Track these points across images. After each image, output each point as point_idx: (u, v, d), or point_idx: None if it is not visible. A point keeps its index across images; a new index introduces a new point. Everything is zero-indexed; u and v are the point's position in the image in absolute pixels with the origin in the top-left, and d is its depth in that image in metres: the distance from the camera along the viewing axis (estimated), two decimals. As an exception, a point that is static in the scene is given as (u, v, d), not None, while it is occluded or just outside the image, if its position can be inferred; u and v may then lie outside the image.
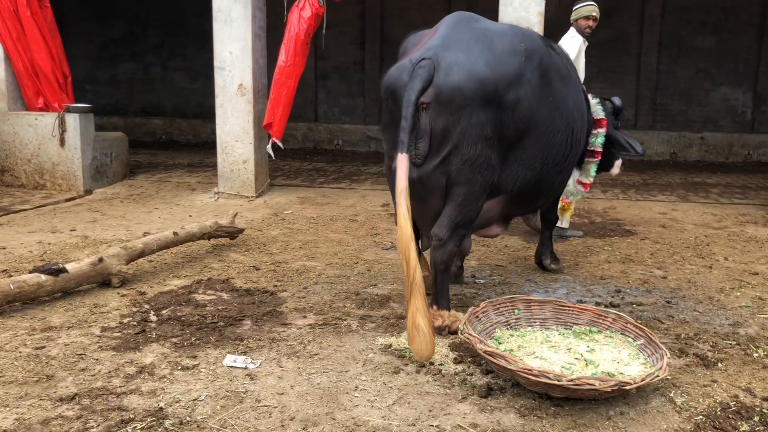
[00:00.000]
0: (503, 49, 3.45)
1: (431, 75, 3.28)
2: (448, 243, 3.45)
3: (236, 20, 7.45)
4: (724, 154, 11.80)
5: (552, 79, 3.68)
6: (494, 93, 3.34)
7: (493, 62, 3.37)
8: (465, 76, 3.29)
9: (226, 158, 7.75)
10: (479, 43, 3.43)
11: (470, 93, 3.29)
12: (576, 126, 3.97)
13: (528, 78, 3.47)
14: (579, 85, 4.24)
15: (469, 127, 3.32)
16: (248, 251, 5.30)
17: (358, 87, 13.53)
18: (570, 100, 3.89)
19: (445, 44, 3.39)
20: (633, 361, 3.04)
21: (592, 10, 5.68)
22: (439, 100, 3.30)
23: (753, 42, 12.22)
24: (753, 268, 5.07)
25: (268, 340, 3.49)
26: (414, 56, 3.37)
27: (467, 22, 3.57)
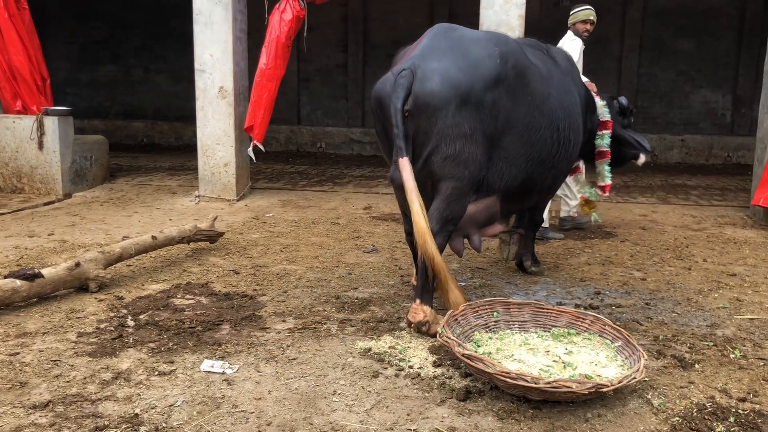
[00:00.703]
0: (477, 55, 3.63)
1: (410, 84, 3.50)
2: (437, 236, 3.53)
3: (217, 23, 7.42)
4: (704, 156, 11.91)
5: (530, 79, 3.82)
6: (469, 95, 3.51)
7: (467, 67, 3.56)
8: (438, 82, 3.48)
9: (206, 161, 7.70)
10: (454, 50, 3.63)
11: (444, 96, 3.48)
12: (561, 124, 4.06)
13: (503, 79, 3.63)
14: (568, 85, 4.32)
15: (445, 128, 3.50)
16: (228, 255, 5.27)
17: (341, 90, 13.52)
18: (552, 99, 3.99)
19: (423, 54, 3.60)
20: (611, 363, 3.05)
21: (589, 14, 5.92)
22: (417, 106, 3.50)
23: (732, 45, 12.36)
24: (731, 270, 5.12)
25: (247, 344, 3.46)
26: (396, 69, 3.60)
27: (444, 33, 3.76)
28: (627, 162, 5.30)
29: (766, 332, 3.80)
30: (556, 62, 4.34)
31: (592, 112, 4.87)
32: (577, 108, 4.36)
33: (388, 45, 13.24)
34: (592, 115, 4.87)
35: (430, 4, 12.95)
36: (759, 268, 5.20)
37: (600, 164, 5.04)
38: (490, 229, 4.11)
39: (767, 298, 4.45)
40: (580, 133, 4.42)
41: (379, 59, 13.30)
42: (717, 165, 11.65)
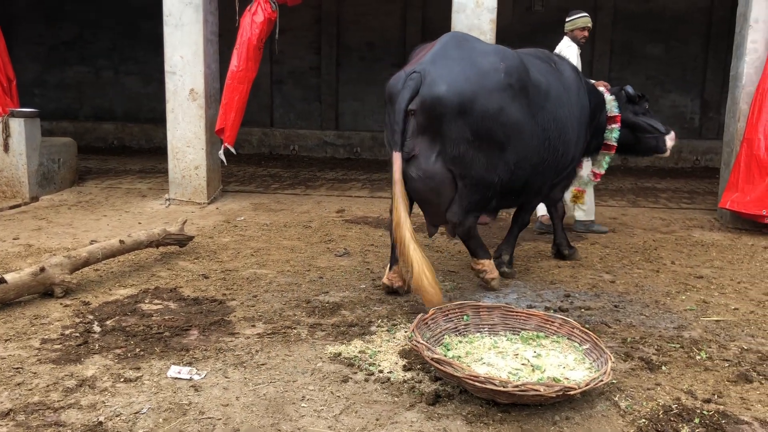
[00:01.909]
0: (484, 67, 3.96)
1: (418, 86, 3.85)
2: (465, 222, 4.15)
3: (187, 24, 7.35)
4: (673, 159, 12.07)
5: (528, 93, 4.16)
6: (471, 104, 3.84)
7: (472, 78, 3.89)
8: (445, 89, 3.81)
9: (177, 164, 7.62)
10: (463, 60, 3.95)
11: (449, 102, 3.81)
12: (552, 135, 4.39)
13: (504, 93, 3.96)
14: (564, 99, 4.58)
15: (450, 131, 3.86)
16: (198, 259, 5.21)
17: (314, 92, 13.48)
18: (547, 112, 4.35)
19: (434, 60, 3.94)
20: (579, 366, 3.07)
21: (587, 21, 6.19)
22: (423, 108, 3.85)
23: (700, 50, 12.57)
24: (698, 272, 5.19)
25: (215, 350, 3.42)
26: (408, 69, 3.96)
27: (458, 42, 4.10)
28: (651, 152, 5.53)
29: (731, 334, 3.86)
30: (561, 75, 4.69)
31: (601, 111, 5.23)
32: (572, 121, 4.65)
33: (361, 47, 13.26)
34: (601, 113, 5.24)
35: (404, 7, 12.98)
36: (725, 270, 5.28)
37: (602, 155, 5.42)
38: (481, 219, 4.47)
39: (733, 299, 4.52)
40: (570, 144, 4.68)
41: (352, 61, 13.31)
42: (686, 168, 11.83)
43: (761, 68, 6.64)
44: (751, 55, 6.75)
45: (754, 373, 3.28)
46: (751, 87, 6.74)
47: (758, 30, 6.69)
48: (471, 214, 4.15)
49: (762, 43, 6.67)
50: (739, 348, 3.63)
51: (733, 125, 7.02)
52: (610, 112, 5.25)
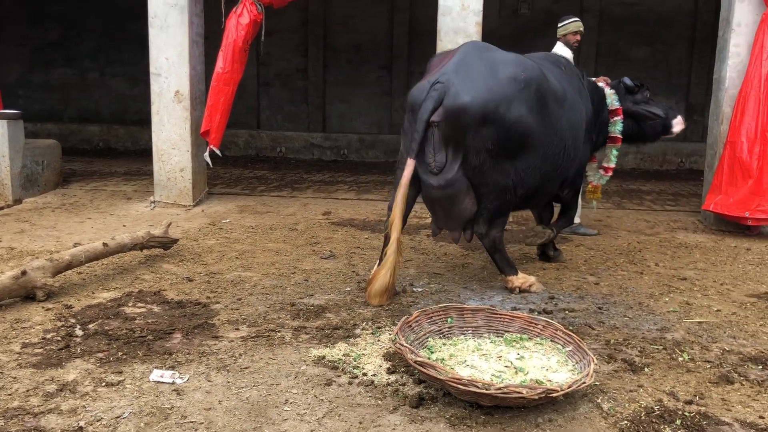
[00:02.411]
0: (505, 76, 4.06)
1: (442, 97, 3.95)
2: (490, 232, 4.38)
3: (173, 26, 7.32)
4: (658, 162, 12.17)
5: (548, 102, 4.29)
6: (494, 113, 3.97)
7: (495, 88, 4.00)
8: (469, 100, 3.92)
9: (162, 166, 7.59)
10: (486, 70, 4.05)
11: (473, 113, 3.93)
12: (567, 143, 4.55)
13: (525, 102, 4.09)
14: (577, 104, 4.76)
15: (473, 141, 3.98)
16: (182, 262, 5.19)
17: (301, 94, 13.46)
18: (563, 120, 4.47)
19: (457, 70, 4.02)
20: (561, 368, 3.08)
21: (579, 25, 6.28)
22: (448, 119, 3.96)
23: (685, 54, 12.66)
24: (682, 274, 5.22)
25: (198, 353, 3.41)
26: (431, 79, 4.04)
27: (479, 52, 4.19)
28: (659, 135, 5.67)
29: (713, 335, 3.88)
30: (571, 80, 4.84)
31: (603, 107, 5.36)
32: (582, 124, 4.83)
33: (348, 49, 13.25)
34: (604, 109, 5.36)
35: (391, 10, 12.99)
36: (708, 272, 5.32)
37: (609, 148, 5.55)
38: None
39: (715, 301, 4.56)
40: (581, 147, 4.89)
41: (339, 63, 13.30)
42: (671, 170, 11.92)
43: (744, 72, 6.70)
44: (733, 58, 6.81)
45: (735, 375, 3.30)
46: (733, 90, 6.80)
47: (740, 34, 6.75)
48: (496, 225, 4.36)
49: (744, 46, 6.73)
50: (721, 349, 3.65)
51: (716, 128, 7.08)
52: (611, 105, 5.37)
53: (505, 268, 4.58)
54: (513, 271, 4.59)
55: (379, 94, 13.33)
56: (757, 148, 6.46)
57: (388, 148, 12.70)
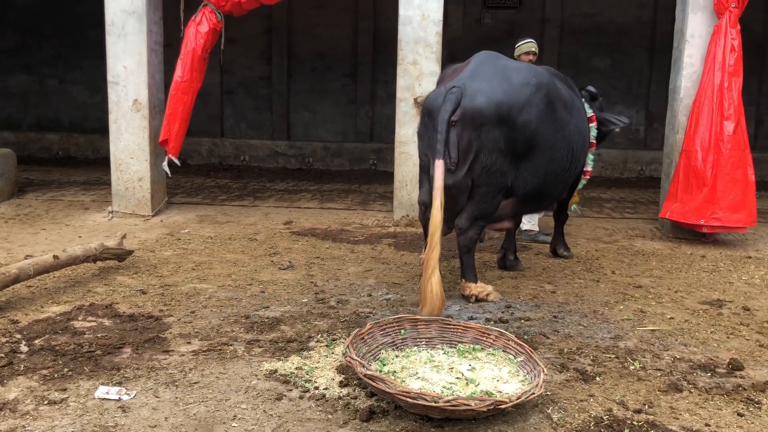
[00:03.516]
0: (518, 82, 4.37)
1: (459, 99, 4.21)
2: (469, 231, 4.50)
3: (131, 34, 7.22)
4: (619, 169, 12.33)
5: (556, 107, 4.59)
6: (508, 115, 4.25)
7: (509, 91, 4.30)
8: (485, 101, 4.21)
9: (120, 176, 7.47)
10: (499, 76, 4.37)
11: (489, 114, 4.21)
12: (576, 146, 4.86)
13: (536, 105, 4.38)
14: (582, 112, 5.17)
15: (486, 141, 4.24)
16: (137, 274, 5.10)
17: (265, 102, 13.38)
18: (571, 124, 4.79)
19: (473, 76, 4.33)
20: (512, 379, 3.08)
21: (531, 46, 6.67)
22: (465, 119, 4.22)
23: (644, 63, 12.87)
24: (637, 281, 5.29)
25: (147, 368, 3.34)
26: (447, 85, 4.33)
27: (492, 60, 4.51)
28: (607, 137, 6.13)
29: (665, 343, 3.93)
30: (571, 89, 5.18)
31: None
32: (587, 131, 5.22)
33: (312, 57, 13.22)
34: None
35: (355, 18, 13.00)
36: (664, 279, 5.39)
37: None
38: (498, 225, 4.96)
39: (669, 308, 4.62)
40: (587, 151, 5.25)
41: (303, 71, 13.26)
42: (631, 178, 12.09)
43: (698, 82, 6.83)
44: (688, 69, 6.94)
45: (685, 382, 3.34)
46: (688, 100, 6.92)
47: (694, 45, 6.89)
48: (477, 224, 4.49)
49: (698, 57, 6.87)
50: (672, 357, 3.70)
51: (672, 137, 7.20)
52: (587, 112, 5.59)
53: (469, 273, 4.64)
54: (473, 279, 4.65)
55: (344, 102, 13.31)
56: (711, 157, 6.57)
57: (353, 156, 12.68)
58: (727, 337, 4.08)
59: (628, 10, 12.75)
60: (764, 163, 11.94)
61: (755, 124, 12.79)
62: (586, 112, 5.39)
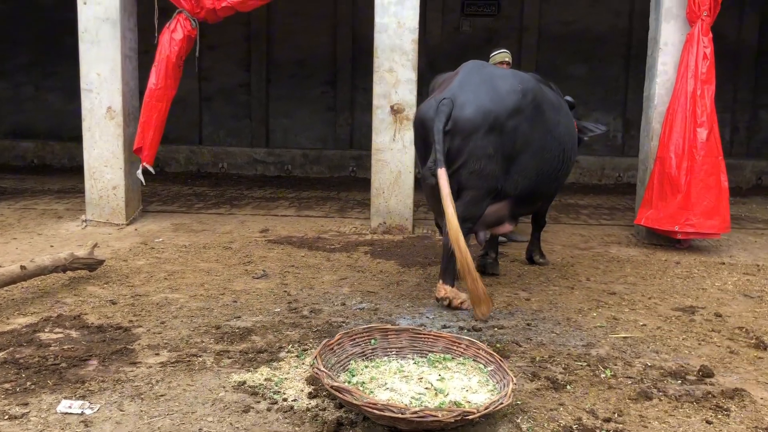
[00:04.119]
0: (504, 89, 4.53)
1: (451, 110, 4.40)
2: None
3: (104, 41, 7.15)
4: (597, 176, 12.42)
5: (544, 110, 4.76)
6: (496, 122, 4.43)
7: (496, 99, 4.47)
8: (474, 110, 4.40)
9: (94, 184, 7.38)
10: (486, 84, 4.54)
11: (478, 122, 4.40)
12: (566, 146, 5.03)
13: (523, 110, 4.56)
14: (570, 115, 5.33)
15: (475, 148, 4.41)
16: (108, 284, 5.03)
17: (244, 109, 13.32)
18: (561, 125, 4.97)
19: (461, 86, 4.52)
20: (482, 389, 3.06)
21: (505, 56, 6.84)
22: (456, 128, 4.40)
23: (621, 71, 12.99)
24: (611, 288, 5.30)
25: (113, 381, 3.28)
26: (438, 96, 4.50)
27: (478, 69, 4.69)
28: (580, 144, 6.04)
29: (637, 350, 3.94)
30: (558, 94, 5.32)
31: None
32: (575, 132, 5.37)
33: (291, 64, 13.19)
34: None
35: (334, 25, 13.00)
36: (638, 286, 5.41)
37: None
38: (500, 228, 5.09)
39: (642, 315, 4.63)
40: (576, 151, 5.41)
41: (282, 78, 13.22)
42: (609, 185, 12.17)
43: (671, 89, 6.89)
44: (661, 76, 7.00)
45: (655, 390, 3.34)
46: (662, 107, 6.98)
47: (668, 53, 6.95)
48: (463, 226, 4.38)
49: (672, 65, 6.93)
50: (643, 364, 3.70)
51: (647, 144, 7.25)
52: None
53: (447, 274, 4.63)
54: (450, 282, 4.64)
55: (323, 109, 13.29)
56: (685, 164, 6.62)
57: (332, 163, 12.65)
58: (699, 343, 4.09)
59: (605, 18, 12.87)
60: (740, 170, 12.10)
61: (731, 131, 12.95)
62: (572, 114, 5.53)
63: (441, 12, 12.81)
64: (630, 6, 12.74)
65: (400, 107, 7.15)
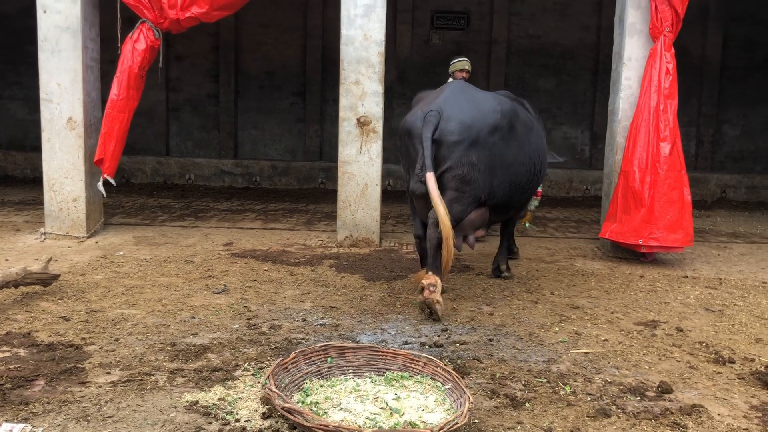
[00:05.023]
0: (485, 108, 4.97)
1: (438, 121, 4.79)
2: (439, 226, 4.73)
3: (65, 50, 7.02)
4: (565, 189, 12.50)
5: (518, 128, 5.20)
6: (477, 136, 4.84)
7: (477, 116, 4.89)
8: (458, 124, 4.81)
9: (54, 196, 7.22)
10: (469, 103, 4.96)
11: (461, 135, 4.81)
12: (536, 161, 5.43)
13: (500, 128, 4.98)
14: (540, 130, 5.72)
15: (459, 157, 4.80)
16: (63, 299, 4.89)
17: (212, 120, 13.20)
18: (532, 142, 5.39)
19: (447, 102, 4.93)
20: (438, 408, 3.01)
21: (464, 64, 7.25)
22: (441, 137, 4.80)
23: (588, 85, 13.13)
24: (575, 302, 5.29)
25: (59, 402, 3.16)
26: (425, 109, 4.91)
27: (461, 89, 5.10)
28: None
29: (597, 366, 3.92)
30: (530, 113, 5.77)
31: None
32: (545, 146, 5.74)
33: (261, 75, 13.12)
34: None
35: (303, 37, 12.95)
36: (601, 300, 5.41)
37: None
38: (478, 233, 5.38)
39: (604, 330, 4.62)
40: (546, 166, 5.76)
41: (251, 90, 13.13)
42: (576, 197, 12.26)
43: (635, 104, 6.95)
44: (625, 91, 7.06)
45: (614, 407, 3.32)
46: (626, 122, 7.04)
47: (632, 68, 7.02)
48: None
49: (635, 79, 6.99)
50: (603, 381, 3.68)
51: (611, 158, 7.30)
52: None
53: (436, 266, 4.81)
54: (437, 272, 4.79)
55: (292, 120, 13.22)
56: (648, 178, 6.67)
57: (301, 175, 12.58)
58: (659, 359, 4.09)
59: (573, 32, 13.01)
60: (704, 183, 12.28)
61: (695, 145, 13.14)
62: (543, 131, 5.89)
63: (411, 25, 12.84)
64: (597, 21, 12.90)
65: (367, 119, 7.12)
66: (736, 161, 13.33)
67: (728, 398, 3.51)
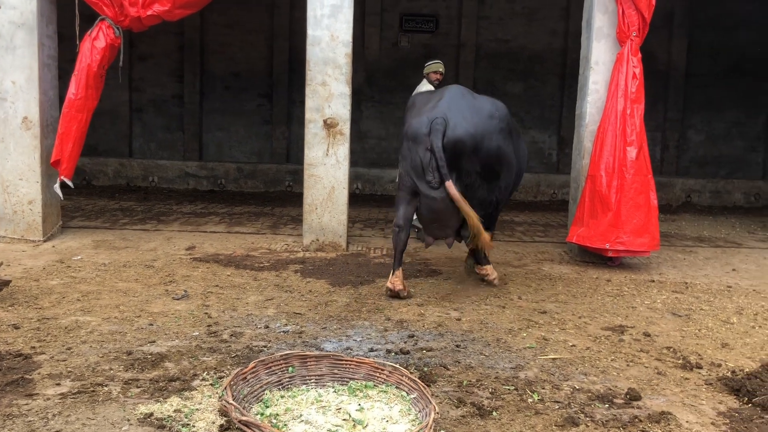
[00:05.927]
0: (485, 115, 5.21)
1: (445, 128, 4.99)
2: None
3: (20, 47, 6.78)
4: (532, 193, 12.52)
5: (511, 134, 5.45)
6: (480, 143, 5.08)
7: (479, 123, 5.12)
8: (464, 132, 5.03)
9: (8, 198, 6.96)
10: (471, 110, 5.16)
11: (466, 142, 5.03)
12: (522, 164, 5.77)
13: (498, 134, 5.21)
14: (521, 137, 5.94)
15: (465, 164, 5.08)
16: (13, 306, 4.68)
17: (176, 121, 12.95)
18: (520, 146, 5.72)
19: (450, 109, 5.10)
20: (403, 419, 2.91)
21: (438, 67, 7.57)
22: (448, 146, 4.99)
23: (556, 90, 13.19)
24: (543, 307, 5.24)
25: (3, 416, 2.99)
26: (430, 116, 5.08)
27: (462, 95, 5.27)
28: None
29: (565, 372, 3.86)
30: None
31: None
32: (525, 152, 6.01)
33: (226, 76, 12.93)
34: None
35: (270, 38, 12.79)
36: (569, 304, 5.37)
37: None
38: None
39: (572, 335, 4.57)
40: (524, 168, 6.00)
41: (217, 90, 12.94)
42: (544, 202, 12.29)
43: (602, 108, 6.95)
44: (593, 95, 7.06)
45: (582, 415, 3.25)
46: (593, 126, 7.03)
47: (599, 72, 7.02)
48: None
49: (602, 84, 7.00)
50: (572, 388, 3.62)
51: (579, 162, 7.29)
52: None
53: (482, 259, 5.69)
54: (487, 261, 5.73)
55: (259, 122, 13.04)
56: (615, 182, 6.67)
57: (267, 177, 12.40)
58: (627, 364, 4.05)
59: (541, 37, 13.07)
60: (670, 188, 12.41)
61: (661, 150, 13.28)
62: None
63: (380, 28, 12.75)
64: (565, 26, 12.97)
65: (334, 121, 7.01)
66: (701, 166, 13.50)
67: (696, 405, 3.47)
